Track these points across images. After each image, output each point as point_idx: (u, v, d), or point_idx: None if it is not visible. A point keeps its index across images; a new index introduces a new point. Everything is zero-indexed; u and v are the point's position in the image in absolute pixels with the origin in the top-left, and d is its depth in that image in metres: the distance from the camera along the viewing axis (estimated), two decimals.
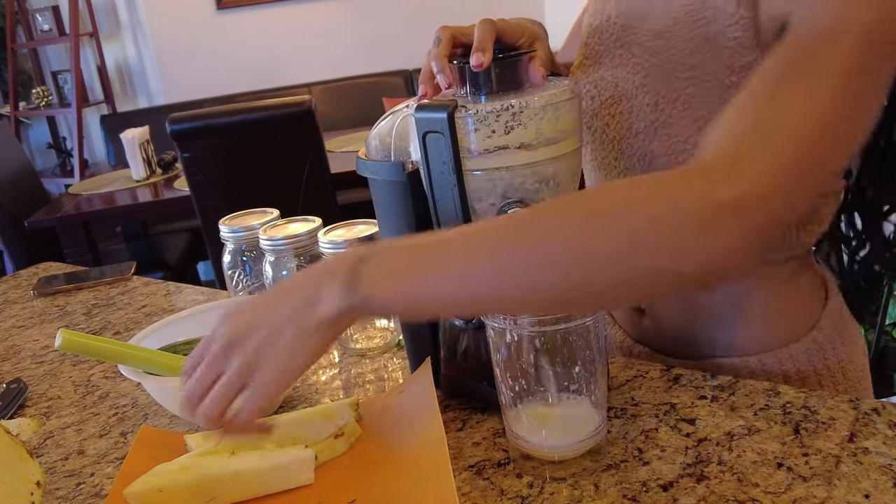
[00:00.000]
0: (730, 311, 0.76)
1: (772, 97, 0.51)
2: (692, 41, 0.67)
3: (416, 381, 0.72)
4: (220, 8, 3.83)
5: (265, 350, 0.53)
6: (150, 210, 2.78)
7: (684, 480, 0.58)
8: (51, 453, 0.75)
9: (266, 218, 0.97)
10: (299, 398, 0.79)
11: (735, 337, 0.76)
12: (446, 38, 0.65)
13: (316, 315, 0.52)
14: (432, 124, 0.62)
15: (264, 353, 0.53)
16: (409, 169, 0.66)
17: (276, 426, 0.62)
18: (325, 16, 3.92)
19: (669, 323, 0.80)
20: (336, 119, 3.67)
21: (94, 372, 0.93)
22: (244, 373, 0.53)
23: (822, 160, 0.49)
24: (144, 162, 2.89)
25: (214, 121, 2.19)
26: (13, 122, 3.81)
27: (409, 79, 3.95)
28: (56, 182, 3.91)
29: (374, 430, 0.69)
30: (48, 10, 3.78)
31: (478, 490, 0.60)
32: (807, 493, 0.55)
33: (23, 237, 2.74)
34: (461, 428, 0.69)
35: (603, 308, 0.63)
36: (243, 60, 3.89)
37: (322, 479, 0.63)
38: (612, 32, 0.76)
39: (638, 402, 0.69)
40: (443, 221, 0.66)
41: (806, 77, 0.51)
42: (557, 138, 0.62)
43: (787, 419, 0.64)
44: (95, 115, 4.01)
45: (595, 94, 0.77)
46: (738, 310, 0.76)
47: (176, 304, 1.14)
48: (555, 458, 0.60)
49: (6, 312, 1.20)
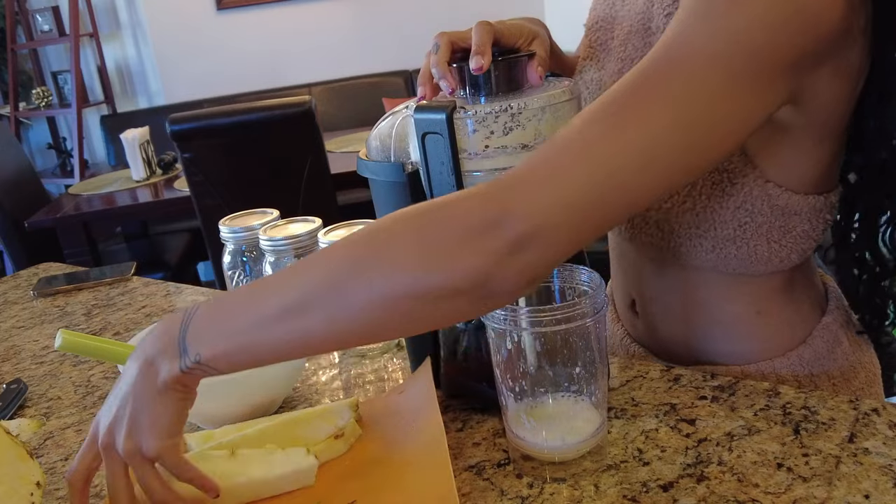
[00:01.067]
0: (709, 324, 0.76)
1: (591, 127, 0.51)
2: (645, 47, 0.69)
3: (416, 382, 0.72)
4: (221, 8, 3.83)
5: (136, 416, 0.55)
6: (150, 210, 2.79)
7: (684, 481, 0.58)
8: (51, 454, 0.75)
9: (266, 218, 0.97)
10: (299, 398, 0.79)
11: (717, 347, 0.76)
12: (445, 43, 0.65)
13: (160, 380, 0.55)
14: (431, 125, 0.62)
15: (137, 419, 0.55)
16: (409, 169, 0.66)
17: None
18: (325, 16, 3.92)
19: (658, 329, 0.80)
20: (336, 119, 3.67)
21: (94, 372, 0.93)
22: (135, 446, 0.55)
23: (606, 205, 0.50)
24: (144, 162, 2.89)
25: (214, 121, 2.19)
26: (13, 122, 3.82)
27: (409, 79, 3.95)
28: (56, 182, 3.91)
29: (374, 430, 0.69)
30: (48, 10, 3.78)
31: (478, 490, 0.60)
32: (807, 493, 0.55)
33: (23, 237, 2.74)
34: (461, 428, 0.69)
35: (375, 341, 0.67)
36: (243, 60, 3.89)
37: (322, 479, 0.63)
38: (597, 35, 0.78)
39: (638, 402, 0.69)
40: None
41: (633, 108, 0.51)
42: None
43: (787, 419, 0.64)
44: (95, 116, 4.01)
45: (587, 95, 0.78)
46: (717, 324, 0.76)
47: (176, 305, 1.14)
48: (555, 459, 0.60)
49: (6, 313, 1.20)
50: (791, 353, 0.75)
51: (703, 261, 0.72)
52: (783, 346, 0.75)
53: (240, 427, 0.68)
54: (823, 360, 0.75)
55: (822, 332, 0.76)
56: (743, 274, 0.72)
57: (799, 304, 0.76)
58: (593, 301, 0.57)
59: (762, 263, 0.71)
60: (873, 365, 0.80)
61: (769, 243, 0.69)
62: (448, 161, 0.62)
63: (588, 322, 0.57)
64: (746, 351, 0.76)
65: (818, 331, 0.76)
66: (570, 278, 0.63)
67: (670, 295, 0.77)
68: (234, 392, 0.71)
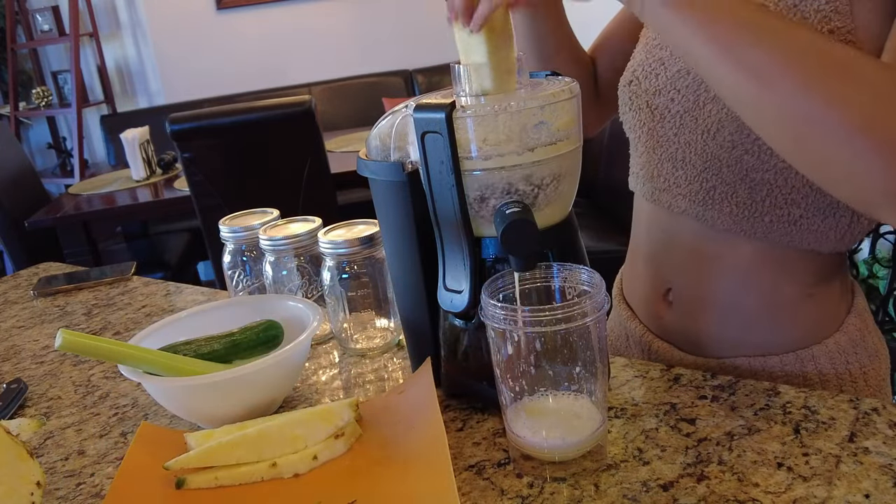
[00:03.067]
0: (759, 310, 0.76)
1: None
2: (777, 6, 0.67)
3: (416, 381, 0.72)
4: (221, 8, 3.83)
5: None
6: (150, 210, 2.79)
7: (684, 480, 0.58)
8: (51, 453, 0.75)
9: (266, 218, 0.97)
10: (299, 398, 0.79)
11: (760, 336, 0.76)
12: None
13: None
14: (431, 124, 0.62)
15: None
16: (409, 169, 0.66)
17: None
18: (325, 16, 3.92)
19: (695, 319, 0.79)
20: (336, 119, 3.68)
21: (95, 372, 0.93)
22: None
23: None
24: (144, 162, 2.89)
25: (214, 121, 2.19)
26: (13, 122, 3.82)
27: (410, 79, 3.96)
28: (56, 182, 3.91)
29: (375, 430, 0.69)
30: (48, 10, 3.78)
31: (478, 490, 0.60)
32: (807, 492, 0.55)
33: (23, 237, 2.74)
34: (461, 428, 0.69)
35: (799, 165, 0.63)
36: (243, 60, 3.89)
37: (322, 479, 0.63)
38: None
39: (638, 402, 0.69)
40: (441, 221, 0.66)
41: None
42: (557, 138, 0.62)
43: (787, 419, 0.64)
44: (95, 116, 4.01)
45: (660, 71, 0.77)
46: (768, 308, 0.75)
47: (176, 305, 1.14)
48: (555, 459, 0.60)
49: (6, 312, 1.20)
50: (828, 341, 0.75)
51: (780, 234, 0.71)
52: (823, 332, 0.76)
53: (241, 426, 0.68)
54: (857, 346, 0.76)
55: (854, 318, 0.77)
56: (808, 251, 0.72)
57: (840, 288, 0.77)
58: (593, 301, 0.57)
59: (839, 237, 0.71)
60: (887, 362, 0.81)
61: (853, 215, 0.69)
62: (448, 160, 0.62)
63: (588, 322, 0.57)
64: (788, 340, 0.75)
65: (851, 317, 0.77)
66: (570, 278, 0.63)
67: (718, 280, 0.76)
68: (234, 392, 0.71)
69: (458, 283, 0.66)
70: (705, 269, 0.77)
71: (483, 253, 0.66)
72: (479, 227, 0.65)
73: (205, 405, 0.73)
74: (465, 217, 0.64)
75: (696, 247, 0.77)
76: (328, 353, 0.90)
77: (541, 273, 0.63)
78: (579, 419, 0.60)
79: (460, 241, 0.65)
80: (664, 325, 0.83)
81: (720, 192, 0.73)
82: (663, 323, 0.83)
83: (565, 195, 0.66)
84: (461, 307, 0.66)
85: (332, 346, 0.92)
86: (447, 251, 0.67)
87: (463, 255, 0.65)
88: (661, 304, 0.83)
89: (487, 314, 0.59)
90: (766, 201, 0.71)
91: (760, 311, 0.76)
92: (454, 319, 0.69)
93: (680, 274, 0.80)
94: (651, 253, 0.83)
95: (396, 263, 0.74)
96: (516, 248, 0.59)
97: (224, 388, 0.70)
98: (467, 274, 0.65)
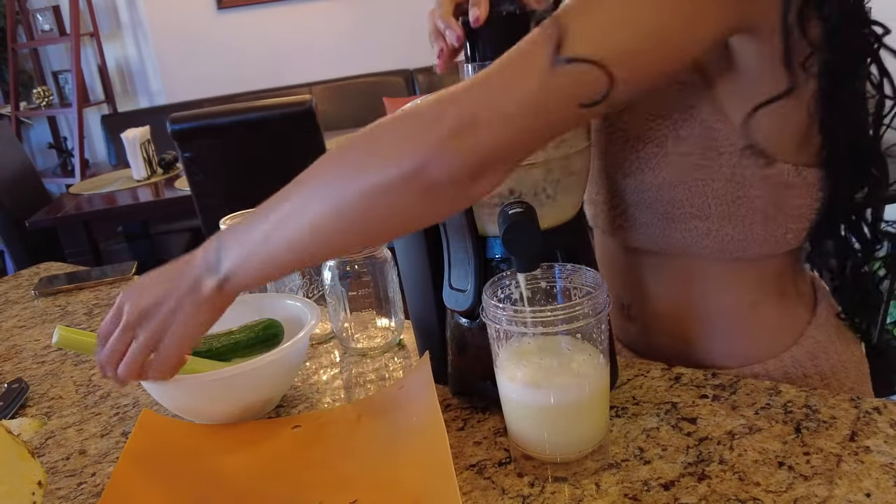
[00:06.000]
0: (702, 321, 0.76)
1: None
2: None
3: (415, 377, 0.72)
4: (221, 8, 3.83)
5: (169, 321, 0.63)
6: (151, 210, 2.78)
7: (685, 479, 0.58)
8: (52, 453, 0.75)
9: None
10: (300, 398, 0.79)
11: (711, 348, 0.76)
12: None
13: (202, 293, 0.62)
14: None
15: (169, 325, 0.63)
16: None
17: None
18: (325, 16, 3.92)
19: (658, 331, 0.80)
20: (336, 119, 3.67)
21: (95, 372, 0.93)
22: (152, 342, 0.63)
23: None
24: (145, 162, 2.89)
25: (215, 121, 2.19)
26: (14, 122, 3.82)
27: (410, 79, 3.95)
28: (57, 182, 3.91)
29: (374, 427, 0.69)
30: (49, 9, 3.79)
31: (479, 489, 0.60)
32: (808, 492, 0.55)
33: (24, 237, 2.74)
34: (462, 427, 0.69)
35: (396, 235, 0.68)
36: (244, 60, 3.89)
37: (323, 479, 0.63)
38: None
39: (639, 401, 0.69)
40: (447, 220, 0.66)
41: None
42: (564, 138, 0.62)
43: (788, 418, 0.64)
44: (96, 115, 4.01)
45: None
46: (711, 320, 0.75)
47: None
48: (556, 459, 0.60)
49: (7, 312, 1.20)
50: (784, 355, 0.75)
51: (699, 247, 0.71)
52: (777, 346, 0.75)
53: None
54: (817, 360, 0.75)
55: (814, 332, 0.76)
56: (739, 259, 0.72)
57: (791, 301, 0.76)
58: (596, 301, 0.57)
59: (758, 244, 0.70)
60: (863, 363, 0.80)
61: (765, 221, 0.69)
62: None
63: (591, 322, 0.57)
64: (740, 352, 0.75)
65: (810, 331, 0.76)
66: (572, 278, 0.63)
67: (664, 291, 0.77)
68: (231, 390, 0.71)
69: (462, 283, 0.66)
70: (651, 282, 0.78)
71: (488, 253, 0.66)
72: (484, 226, 0.65)
73: (201, 404, 0.73)
74: (470, 216, 0.64)
75: (632, 264, 0.79)
76: (329, 353, 0.90)
77: (543, 273, 0.63)
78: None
79: (465, 241, 0.65)
80: (629, 338, 0.84)
81: (631, 213, 0.75)
82: (628, 336, 0.84)
83: (573, 195, 0.66)
84: (465, 306, 0.66)
85: (332, 345, 0.92)
86: (452, 250, 0.67)
87: (467, 254, 0.65)
88: (623, 317, 0.83)
89: (488, 314, 0.59)
90: (676, 216, 0.71)
91: (705, 322, 0.76)
92: (460, 318, 0.69)
93: (631, 288, 0.81)
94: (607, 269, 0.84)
95: (405, 261, 0.74)
96: (518, 248, 0.59)
97: (219, 387, 0.71)
98: (471, 273, 0.65)
